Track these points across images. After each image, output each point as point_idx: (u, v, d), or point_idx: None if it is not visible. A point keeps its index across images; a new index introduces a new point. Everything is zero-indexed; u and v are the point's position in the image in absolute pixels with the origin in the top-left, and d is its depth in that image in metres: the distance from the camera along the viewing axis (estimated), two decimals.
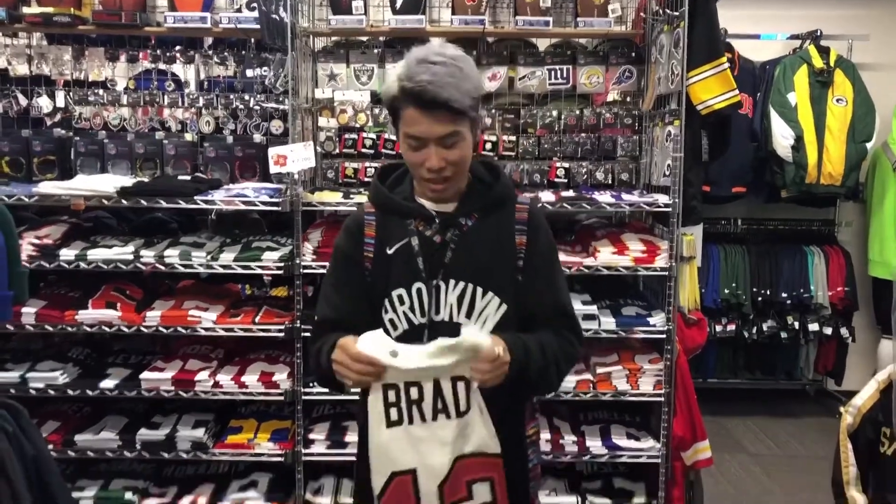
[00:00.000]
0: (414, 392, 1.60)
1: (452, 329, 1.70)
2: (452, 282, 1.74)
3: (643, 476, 3.33)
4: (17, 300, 1.90)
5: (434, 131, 1.63)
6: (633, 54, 3.56)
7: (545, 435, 3.17)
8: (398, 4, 3.37)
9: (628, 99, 3.71)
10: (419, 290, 1.74)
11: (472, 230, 1.77)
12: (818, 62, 4.72)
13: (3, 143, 3.34)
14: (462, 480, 1.62)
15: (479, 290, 1.74)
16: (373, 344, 1.61)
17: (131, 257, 3.06)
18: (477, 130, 1.74)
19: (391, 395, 1.61)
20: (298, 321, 3.10)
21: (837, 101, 4.71)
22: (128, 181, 3.12)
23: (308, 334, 2.82)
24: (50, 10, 3.21)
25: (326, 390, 3.04)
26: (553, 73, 3.54)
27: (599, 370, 3.18)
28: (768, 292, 4.87)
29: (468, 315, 1.74)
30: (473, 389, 1.61)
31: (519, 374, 1.64)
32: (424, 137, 1.64)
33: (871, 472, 2.47)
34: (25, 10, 3.26)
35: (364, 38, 3.62)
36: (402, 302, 1.75)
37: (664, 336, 3.15)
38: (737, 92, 3.17)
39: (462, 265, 1.74)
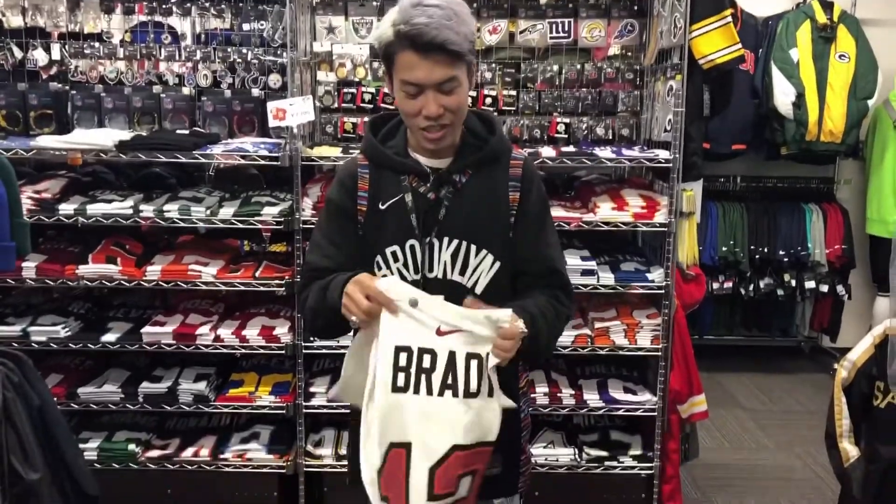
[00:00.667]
0: (427, 360, 1.55)
1: (445, 286, 1.70)
2: (446, 239, 1.73)
3: (639, 429, 3.38)
4: (19, 252, 1.91)
5: (432, 76, 1.59)
6: (636, 7, 3.51)
7: (543, 388, 3.21)
8: None
9: (630, 53, 3.67)
10: (412, 247, 1.73)
11: (466, 187, 1.75)
12: (821, 17, 4.68)
13: None
14: (454, 474, 1.57)
15: (473, 248, 1.74)
16: (394, 287, 1.57)
17: (130, 212, 3.06)
18: (472, 77, 1.71)
19: (402, 359, 1.55)
20: (298, 276, 3.12)
21: (840, 57, 4.68)
22: (126, 135, 3.10)
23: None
24: None
25: (327, 343, 3.12)
26: (554, 26, 3.49)
27: (597, 325, 3.21)
28: (766, 250, 4.90)
29: (462, 272, 1.74)
30: (489, 369, 1.56)
31: (526, 349, 1.64)
32: (422, 83, 1.60)
33: (863, 425, 2.52)
34: None
35: None
36: (395, 259, 1.74)
37: (662, 291, 3.16)
38: (740, 46, 3.14)
39: (456, 222, 1.74)
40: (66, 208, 3.04)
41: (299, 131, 3.12)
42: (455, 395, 1.55)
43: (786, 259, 4.88)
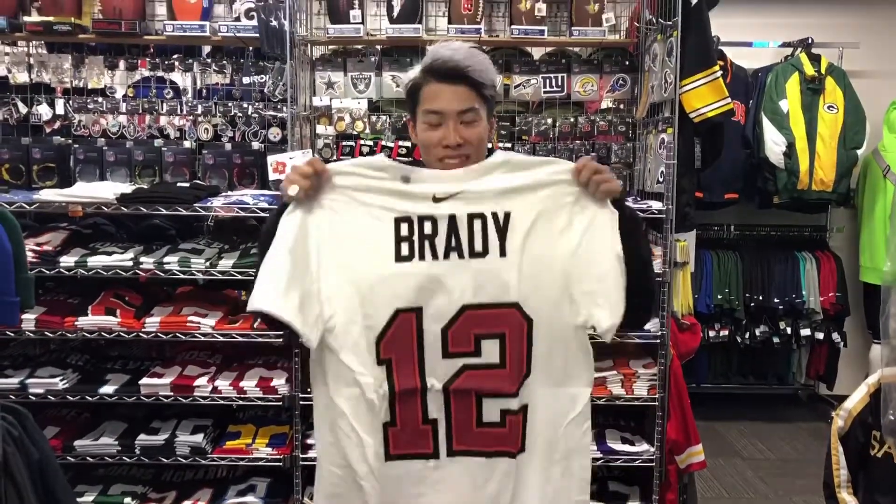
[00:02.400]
0: (428, 227, 1.55)
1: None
2: None
3: (638, 479, 3.36)
4: (23, 306, 1.93)
5: (454, 105, 1.63)
6: (627, 63, 3.61)
7: None
8: (395, 13, 3.41)
9: (622, 107, 3.75)
10: None
11: None
12: (809, 70, 4.78)
13: (3, 151, 3.36)
14: (470, 332, 1.55)
15: None
16: (379, 161, 1.60)
17: (131, 264, 3.09)
18: (492, 122, 1.74)
19: (404, 229, 1.55)
20: None
21: (828, 108, 4.77)
22: (127, 188, 3.14)
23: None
24: (51, 18, 3.24)
25: None
26: (548, 81, 3.58)
27: (595, 375, 3.21)
28: (761, 297, 4.92)
29: None
30: (502, 231, 1.55)
31: (629, 208, 1.64)
32: (444, 111, 1.63)
33: (861, 475, 2.51)
34: (26, 18, 3.28)
35: (361, 47, 3.66)
36: None
37: (658, 341, 3.19)
38: (729, 100, 3.22)
39: None
40: (67, 261, 3.07)
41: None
42: (461, 256, 1.54)
43: (781, 307, 4.91)
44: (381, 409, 1.57)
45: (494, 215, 1.56)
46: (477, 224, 1.55)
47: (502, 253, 1.54)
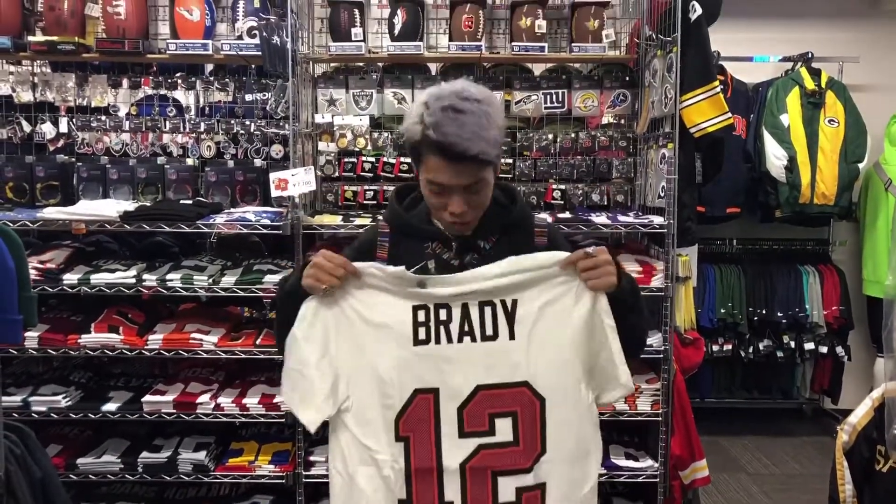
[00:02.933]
0: (443, 313, 1.64)
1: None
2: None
3: (642, 495, 3.35)
4: (26, 324, 1.94)
5: (460, 181, 1.62)
6: (627, 78, 3.62)
7: None
8: (396, 31, 3.43)
9: (622, 122, 3.77)
10: None
11: (491, 253, 1.76)
12: (810, 84, 4.80)
13: (6, 169, 3.38)
14: (484, 412, 1.62)
15: None
16: (391, 271, 1.66)
17: (134, 281, 3.10)
18: (499, 166, 1.74)
19: (421, 315, 1.64)
20: None
21: (829, 121, 4.78)
22: (130, 206, 3.16)
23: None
24: (55, 38, 3.26)
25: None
26: (548, 97, 3.60)
27: None
28: (764, 311, 4.91)
29: None
30: (510, 317, 1.63)
31: (629, 290, 1.69)
32: (450, 184, 1.63)
33: (866, 490, 2.50)
34: (31, 38, 3.31)
35: (363, 64, 3.68)
36: None
37: (661, 356, 3.18)
38: (729, 115, 3.23)
39: None
40: (70, 278, 3.08)
41: (301, 200, 3.18)
42: (473, 339, 1.64)
43: (784, 321, 4.90)
44: (396, 484, 1.63)
45: (503, 302, 1.65)
46: (487, 311, 1.65)
47: (511, 336, 1.64)
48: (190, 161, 3.53)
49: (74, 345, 3.10)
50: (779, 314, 4.90)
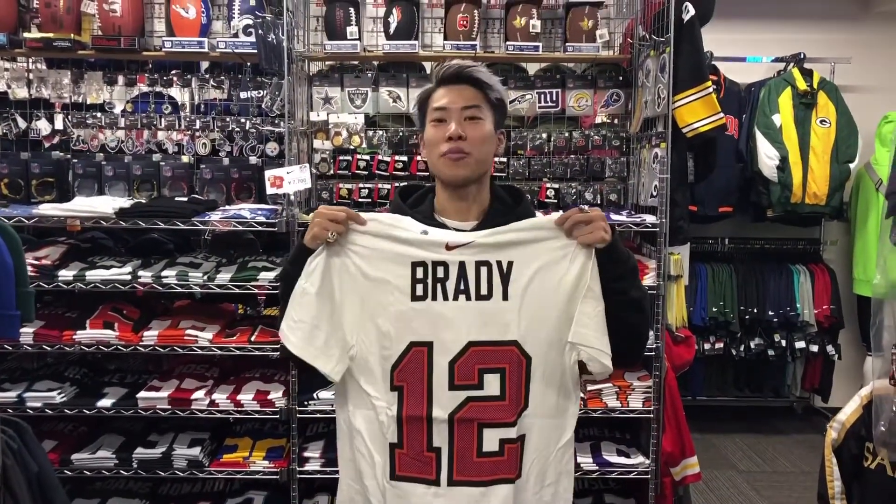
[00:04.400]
0: (440, 271, 1.68)
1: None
2: None
3: (633, 492, 3.38)
4: (23, 320, 1.95)
5: (458, 102, 1.73)
6: (621, 78, 3.65)
7: None
8: (392, 30, 3.45)
9: (616, 121, 3.79)
10: None
11: None
12: (802, 84, 4.83)
13: (2, 166, 3.39)
14: (474, 367, 1.68)
15: None
16: (399, 219, 1.72)
17: (129, 278, 3.10)
18: (500, 137, 1.83)
19: (419, 272, 1.69)
20: None
21: (821, 122, 4.81)
22: (125, 203, 3.17)
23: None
24: (50, 35, 3.27)
25: (321, 407, 3.14)
26: (543, 96, 3.62)
27: (590, 387, 3.24)
28: (755, 310, 4.95)
29: None
30: (505, 278, 1.68)
31: (624, 253, 1.71)
32: (448, 107, 1.73)
33: (855, 486, 2.53)
34: (26, 35, 3.32)
35: (358, 63, 3.70)
36: None
37: (653, 354, 3.21)
38: (721, 115, 3.25)
39: None
40: (66, 274, 3.09)
41: (296, 198, 3.19)
42: (468, 298, 1.68)
43: (775, 319, 4.93)
44: (388, 429, 1.69)
45: (499, 263, 1.69)
46: (483, 271, 1.69)
47: (504, 297, 1.69)
48: (185, 158, 3.54)
49: (69, 341, 3.10)
50: (770, 313, 4.93)
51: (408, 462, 1.69)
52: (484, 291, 1.68)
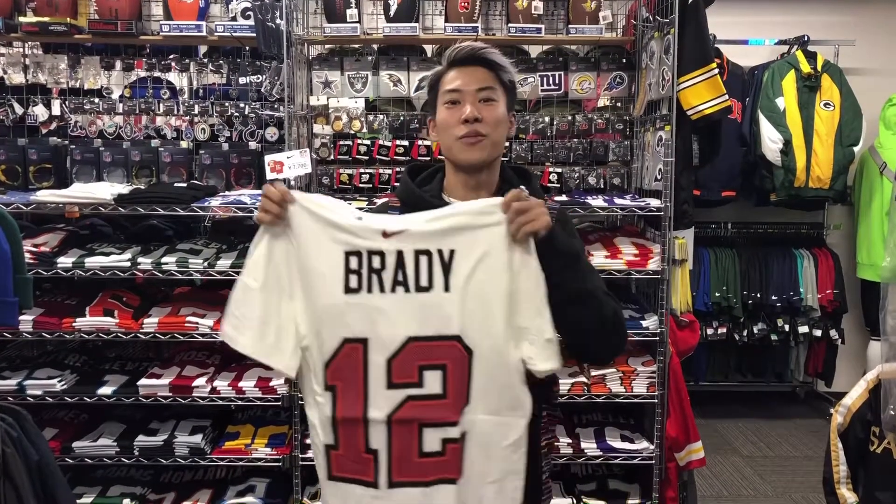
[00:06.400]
0: (376, 261, 1.58)
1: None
2: None
3: (637, 477, 3.37)
4: (21, 307, 1.93)
5: (472, 84, 1.71)
6: (624, 60, 3.61)
7: None
8: (392, 12, 3.40)
9: (619, 104, 3.75)
10: None
11: None
12: (805, 67, 4.79)
13: None
14: (413, 363, 1.59)
15: None
16: (332, 203, 1.61)
17: (128, 264, 3.08)
18: (512, 118, 1.80)
19: (353, 262, 1.58)
20: None
21: (825, 105, 4.77)
22: (124, 189, 3.14)
23: None
24: (46, 19, 3.23)
25: None
26: (545, 79, 3.58)
27: (594, 372, 3.22)
28: (758, 295, 4.92)
29: None
30: (447, 268, 1.58)
31: (559, 244, 1.62)
32: (462, 89, 1.71)
33: (860, 470, 2.52)
34: (22, 19, 3.27)
35: (358, 46, 3.66)
36: None
37: (657, 338, 3.19)
38: (726, 97, 3.22)
39: None
40: (65, 261, 3.06)
41: (296, 183, 3.16)
42: (407, 290, 1.58)
43: (778, 304, 4.91)
44: (324, 431, 1.62)
45: (440, 252, 1.59)
46: (423, 260, 1.59)
47: (446, 288, 1.58)
48: (184, 144, 3.50)
49: (69, 328, 3.08)
50: (773, 297, 4.91)
51: (345, 464, 1.62)
52: (424, 282, 1.58)
